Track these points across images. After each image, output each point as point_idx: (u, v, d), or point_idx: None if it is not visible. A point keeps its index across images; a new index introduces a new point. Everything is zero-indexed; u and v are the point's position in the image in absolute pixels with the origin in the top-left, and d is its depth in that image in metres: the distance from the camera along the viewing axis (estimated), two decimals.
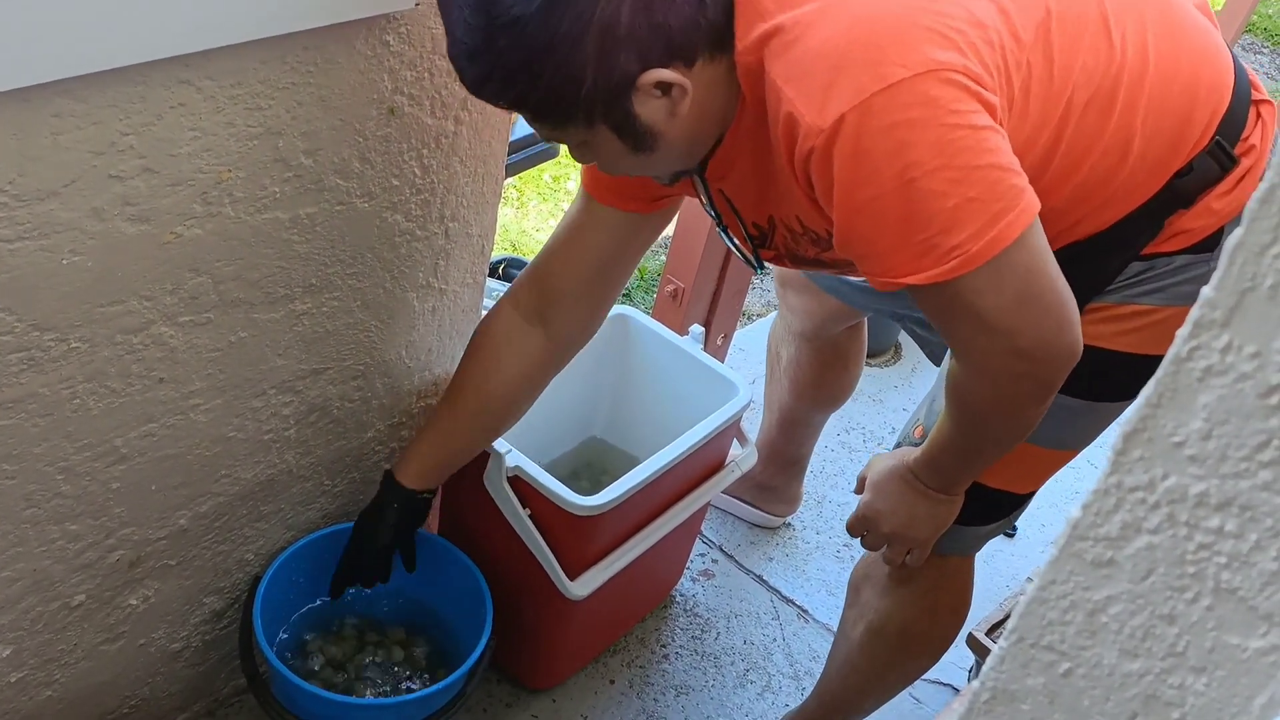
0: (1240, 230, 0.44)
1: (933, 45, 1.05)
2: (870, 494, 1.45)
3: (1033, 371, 1.14)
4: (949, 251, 1.06)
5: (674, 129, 1.14)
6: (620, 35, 1.05)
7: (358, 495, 1.74)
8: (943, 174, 1.03)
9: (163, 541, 1.46)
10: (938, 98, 1.03)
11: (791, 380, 2.09)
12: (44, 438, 1.23)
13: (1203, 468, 0.48)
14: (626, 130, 1.13)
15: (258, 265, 1.32)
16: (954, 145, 1.04)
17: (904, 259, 1.08)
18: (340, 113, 1.28)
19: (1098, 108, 1.18)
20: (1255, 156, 1.26)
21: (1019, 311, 1.10)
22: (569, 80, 1.07)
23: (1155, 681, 0.53)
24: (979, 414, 1.25)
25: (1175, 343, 0.47)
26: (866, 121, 1.03)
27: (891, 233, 1.07)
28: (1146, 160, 1.21)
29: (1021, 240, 1.06)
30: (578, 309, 1.51)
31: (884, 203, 1.06)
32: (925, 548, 1.45)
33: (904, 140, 1.03)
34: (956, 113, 1.04)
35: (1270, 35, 5.90)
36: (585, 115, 1.11)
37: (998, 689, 0.61)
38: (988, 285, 1.07)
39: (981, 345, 1.14)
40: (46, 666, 1.43)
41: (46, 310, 1.15)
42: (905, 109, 1.03)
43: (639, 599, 2.07)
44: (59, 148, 1.05)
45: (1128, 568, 0.52)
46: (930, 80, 1.03)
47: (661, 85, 1.09)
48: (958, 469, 1.35)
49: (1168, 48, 1.21)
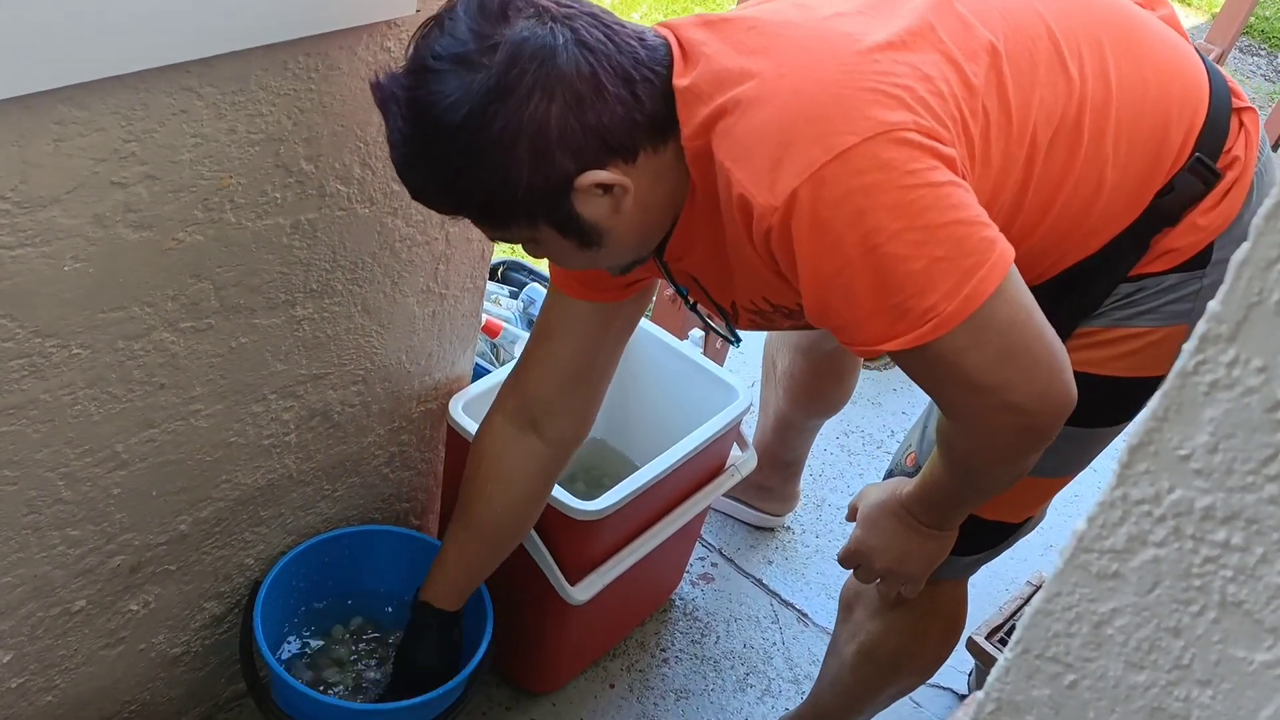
0: (1247, 245, 0.44)
1: (879, 106, 1.02)
2: (862, 529, 1.41)
3: (1029, 424, 1.10)
4: (923, 314, 1.02)
5: (620, 224, 1.13)
6: (552, 139, 1.04)
7: (358, 500, 1.74)
8: (906, 236, 1.00)
9: (163, 546, 1.46)
10: (891, 160, 1.01)
11: (786, 389, 2.09)
12: (45, 444, 1.23)
13: (1209, 481, 0.48)
14: (570, 229, 1.12)
15: (259, 271, 1.32)
16: (914, 205, 1.01)
17: (879, 326, 1.05)
18: (341, 119, 1.28)
19: (1064, 141, 1.15)
20: (1240, 168, 1.21)
21: (1006, 366, 1.06)
22: (504, 186, 1.06)
23: (1161, 694, 0.53)
24: (975, 466, 1.22)
25: (1181, 357, 0.47)
26: (820, 193, 1.01)
27: (863, 302, 1.04)
28: (1125, 185, 1.18)
29: (999, 294, 1.03)
30: (567, 410, 1.48)
31: (850, 273, 1.03)
32: (918, 582, 1.42)
33: (861, 207, 1.00)
34: (913, 172, 1.01)
35: (1268, 37, 5.91)
36: (527, 217, 1.10)
37: (1002, 700, 0.61)
38: (968, 344, 1.04)
39: (972, 404, 1.11)
40: (47, 672, 1.43)
41: (48, 316, 1.15)
42: (859, 175, 1.00)
43: (639, 603, 2.07)
44: (61, 154, 1.05)
45: (1133, 580, 0.52)
46: (881, 142, 1.01)
47: (601, 185, 1.08)
48: (952, 508, 1.32)
49: (1130, 68, 1.18)
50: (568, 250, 1.15)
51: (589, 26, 1.06)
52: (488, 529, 1.53)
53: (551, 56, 1.03)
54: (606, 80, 1.05)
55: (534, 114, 1.03)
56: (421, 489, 1.86)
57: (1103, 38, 1.19)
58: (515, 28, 1.04)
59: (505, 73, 1.03)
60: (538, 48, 1.03)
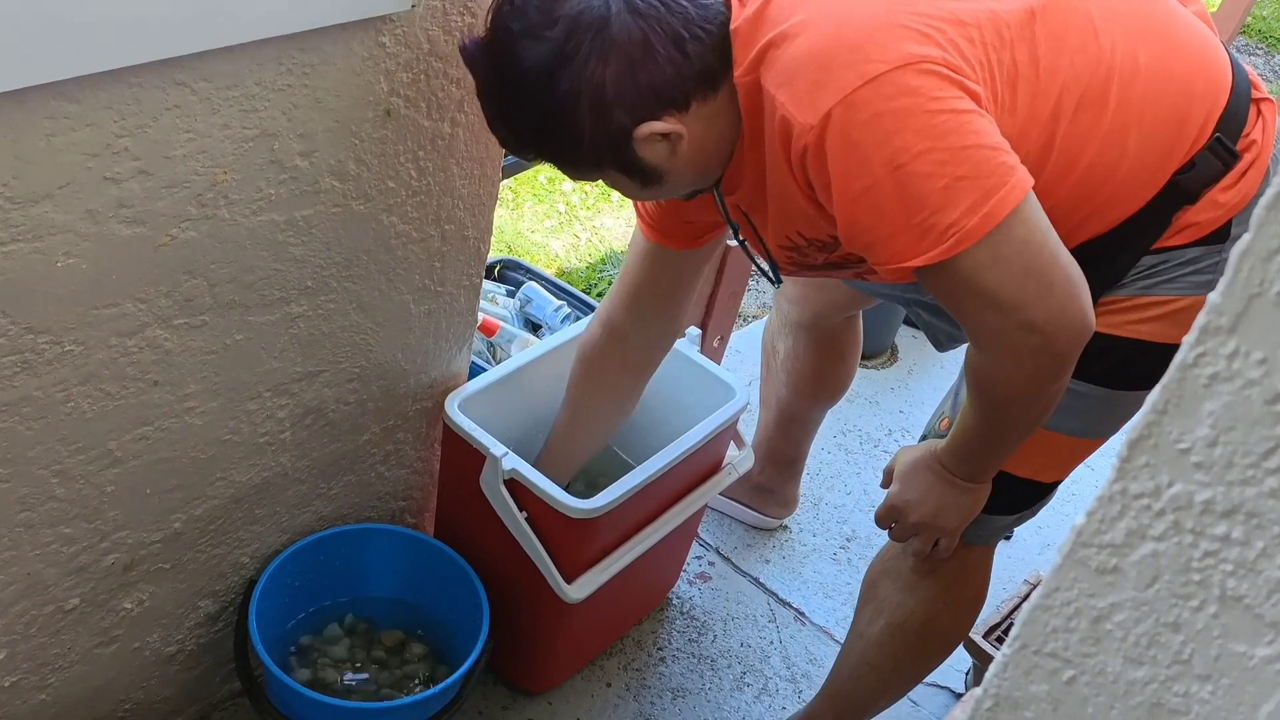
0: (1248, 236, 0.43)
1: (910, 41, 1.12)
2: (899, 484, 1.47)
3: (1046, 345, 1.16)
4: (946, 230, 1.10)
5: (677, 165, 1.25)
6: (609, 97, 1.18)
7: (353, 498, 1.73)
8: (930, 156, 1.09)
9: (157, 545, 1.46)
10: (918, 87, 1.10)
11: (789, 374, 2.09)
12: (38, 441, 1.23)
13: (1209, 475, 0.48)
14: (634, 172, 1.26)
15: (253, 268, 1.31)
16: (939, 128, 1.09)
17: (905, 243, 1.13)
18: (336, 115, 1.28)
19: (1090, 105, 1.21)
20: (1257, 151, 1.28)
21: (1024, 284, 1.13)
22: (572, 138, 1.21)
23: (1160, 689, 0.53)
24: (999, 396, 1.27)
25: (1181, 349, 0.47)
26: (852, 115, 1.10)
27: (890, 219, 1.13)
28: (1146, 158, 1.24)
29: (1017, 214, 1.10)
30: (647, 327, 1.67)
31: (878, 190, 1.11)
32: (954, 537, 1.47)
33: (889, 128, 1.09)
34: (939, 99, 1.10)
35: (1265, 37, 5.91)
36: (593, 163, 1.25)
37: (1001, 696, 0.60)
38: (989, 260, 1.11)
39: (993, 324, 1.17)
40: (40, 670, 1.43)
41: (41, 313, 1.14)
42: (888, 99, 1.09)
43: (636, 602, 2.06)
44: (53, 150, 1.05)
45: (1132, 575, 0.52)
46: (909, 72, 1.10)
47: (658, 134, 1.20)
48: (984, 456, 1.37)
49: (1159, 48, 1.25)
50: (633, 188, 1.30)
51: None
52: (596, 422, 1.76)
53: (605, 25, 1.16)
54: (657, 42, 1.17)
55: (591, 77, 1.17)
56: (417, 487, 1.86)
57: (1137, 20, 1.26)
58: (572, 1, 1.17)
59: (564, 42, 1.16)
60: (593, 19, 1.16)
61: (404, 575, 1.76)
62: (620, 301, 1.65)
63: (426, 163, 1.43)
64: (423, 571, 1.74)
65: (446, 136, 1.43)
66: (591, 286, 3.07)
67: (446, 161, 1.45)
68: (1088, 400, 1.36)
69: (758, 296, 3.20)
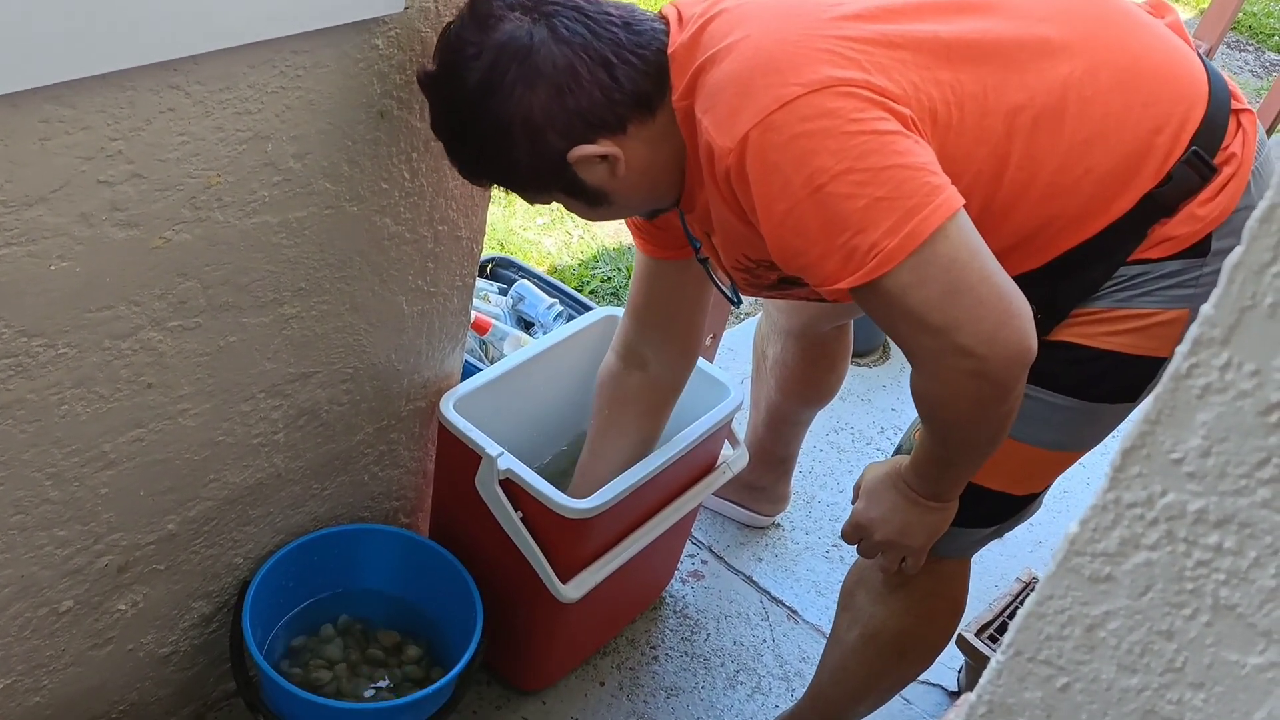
0: (1240, 249, 0.44)
1: (830, 65, 1.12)
2: (864, 501, 1.44)
3: (981, 369, 1.13)
4: (868, 251, 1.09)
5: (621, 186, 1.28)
6: (539, 124, 1.21)
7: (347, 498, 1.73)
8: (848, 177, 1.08)
9: (151, 546, 1.46)
10: (836, 109, 1.10)
11: (778, 378, 2.10)
12: (32, 444, 1.23)
13: (1201, 485, 0.48)
14: (579, 193, 1.29)
15: (247, 270, 1.31)
16: (857, 149, 1.09)
17: (833, 266, 1.12)
18: (329, 116, 1.28)
19: (1046, 123, 1.20)
20: (1237, 164, 1.26)
21: (950, 305, 1.10)
22: (510, 164, 1.26)
23: (1153, 697, 0.53)
24: (943, 418, 1.25)
25: (1174, 359, 0.47)
26: (768, 137, 1.11)
27: (815, 241, 1.12)
28: (1115, 174, 1.22)
29: (941, 233, 1.09)
30: (665, 346, 1.68)
31: (800, 212, 1.11)
32: (920, 555, 1.44)
33: (807, 150, 1.10)
34: (857, 120, 1.10)
35: (1255, 33, 5.92)
36: (538, 187, 1.30)
37: (994, 702, 0.60)
38: (913, 280, 1.10)
39: (927, 346, 1.15)
40: (34, 672, 1.43)
41: (34, 316, 1.14)
42: (805, 121, 1.10)
43: (630, 601, 2.06)
44: (47, 153, 1.05)
45: (1126, 583, 0.52)
46: (827, 94, 1.10)
47: (597, 156, 1.23)
48: (942, 476, 1.34)
49: (1122, 65, 1.23)
50: (583, 208, 1.33)
51: (570, 20, 1.21)
52: (621, 449, 1.74)
53: (529, 54, 1.19)
54: (583, 68, 1.20)
55: (519, 105, 1.20)
56: (411, 487, 1.86)
57: (1098, 36, 1.25)
58: (498, 33, 1.20)
59: (490, 71, 1.20)
60: (516, 49, 1.19)
61: (398, 575, 1.76)
62: (631, 326, 1.67)
63: (419, 164, 1.43)
64: (417, 571, 1.74)
65: None
66: (584, 284, 3.07)
67: (439, 162, 1.45)
68: (1063, 413, 1.33)
69: None
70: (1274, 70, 5.55)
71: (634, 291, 1.66)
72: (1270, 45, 5.87)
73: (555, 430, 2.04)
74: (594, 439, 1.77)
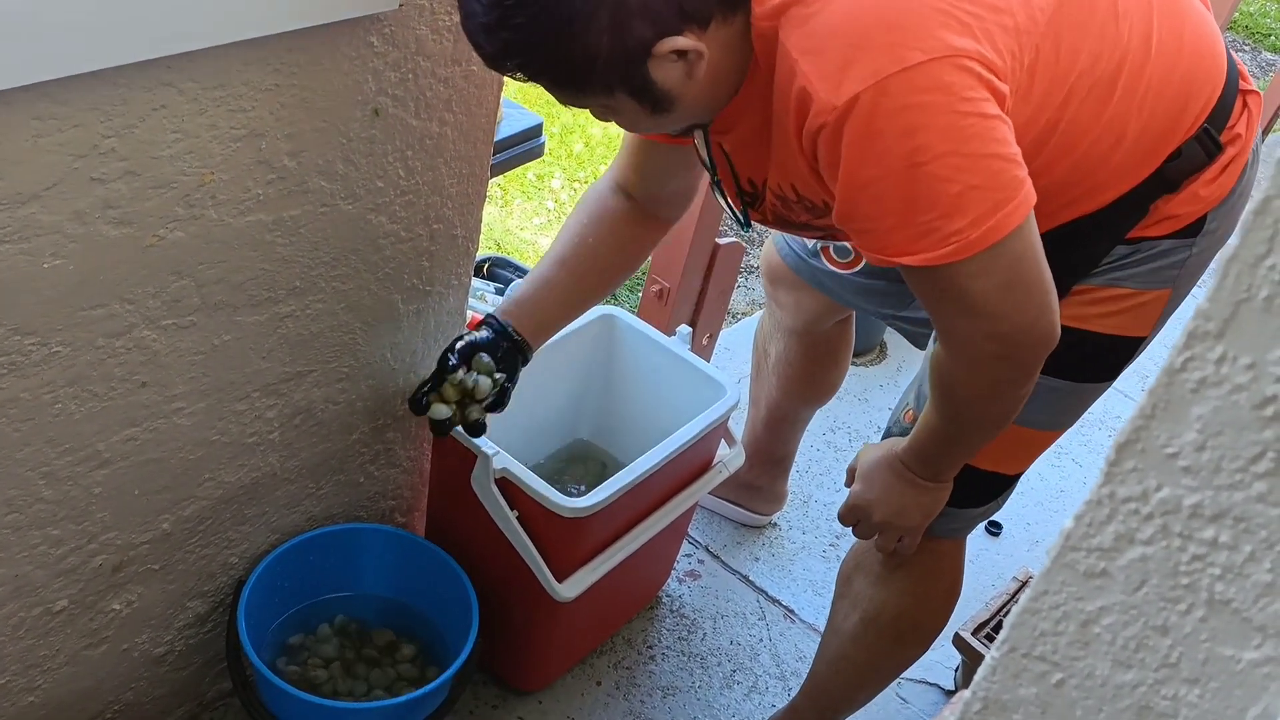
0: (1234, 241, 0.43)
1: (950, 30, 1.06)
2: (860, 484, 1.46)
3: (1010, 354, 1.17)
4: (948, 236, 1.08)
5: (690, 90, 1.15)
6: (632, 7, 1.06)
7: (342, 498, 1.73)
8: (950, 160, 1.06)
9: (146, 546, 1.45)
10: (951, 83, 1.05)
11: (780, 377, 2.09)
12: (25, 443, 1.22)
13: (1196, 479, 0.48)
14: (645, 95, 1.14)
15: (241, 268, 1.31)
16: (964, 132, 1.06)
17: (902, 239, 1.11)
18: (324, 114, 1.27)
19: (1097, 93, 1.19)
20: (1240, 145, 1.27)
21: (1004, 297, 1.12)
22: (585, 53, 1.08)
23: (1149, 693, 0.53)
24: (961, 398, 1.27)
25: (1169, 354, 0.47)
26: (880, 102, 1.05)
27: (893, 213, 1.10)
28: (1140, 146, 1.23)
29: (1018, 231, 1.09)
30: (669, 197, 1.57)
31: (889, 183, 1.08)
32: (916, 535, 1.47)
33: (915, 123, 1.05)
34: (969, 100, 1.06)
35: (1252, 33, 5.93)
36: (603, 85, 1.13)
37: (989, 699, 0.60)
38: (980, 271, 1.10)
39: (964, 328, 1.17)
40: (29, 672, 1.42)
41: (28, 314, 1.13)
42: (919, 93, 1.05)
43: (626, 600, 2.06)
44: (40, 150, 1.04)
45: (1121, 579, 0.52)
46: (946, 65, 1.05)
47: (677, 51, 1.10)
48: (944, 456, 1.37)
49: (1171, 36, 1.23)
50: (639, 115, 1.18)
51: None
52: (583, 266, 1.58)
53: None
54: None
55: None
56: (407, 487, 1.85)
57: (1153, 2, 1.23)
58: None
59: None
60: None
61: (394, 575, 1.76)
62: (629, 169, 1.54)
63: (415, 162, 1.42)
64: (413, 571, 1.74)
65: (435, 136, 1.42)
66: None
67: (435, 161, 1.45)
68: (1052, 393, 1.36)
69: (747, 294, 3.20)
70: (1270, 70, 5.56)
71: (631, 151, 1.53)
72: (1267, 45, 5.87)
73: (551, 429, 2.04)
74: (566, 248, 1.58)
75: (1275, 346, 0.44)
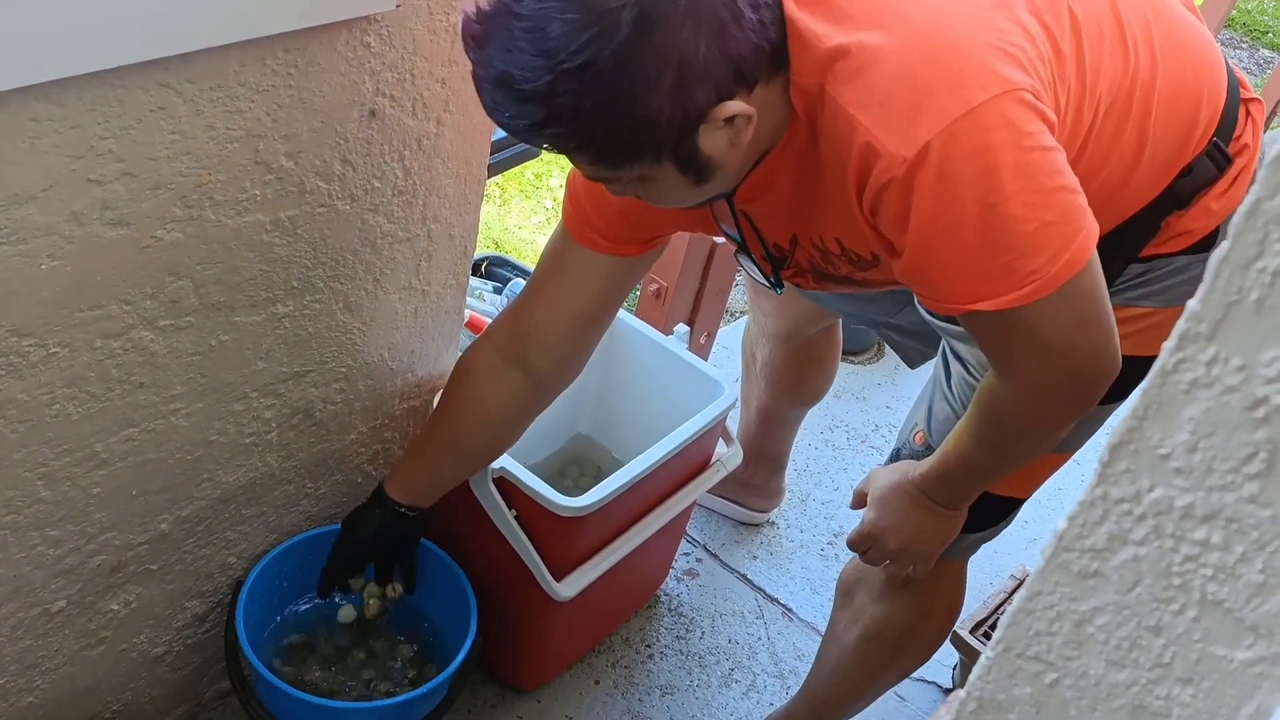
0: (1226, 244, 0.44)
1: (1002, 64, 1.03)
2: (874, 510, 1.43)
3: (1077, 387, 1.14)
4: (1027, 276, 1.04)
5: (733, 157, 1.10)
6: (697, 71, 1.00)
7: (340, 497, 1.73)
8: (1022, 198, 1.02)
9: (144, 546, 1.45)
10: (1014, 119, 1.02)
11: (768, 380, 2.09)
12: (23, 444, 1.22)
13: (1189, 480, 0.48)
14: (690, 165, 1.08)
15: (239, 269, 1.31)
16: (1032, 167, 1.02)
17: (974, 284, 1.07)
18: (321, 115, 1.27)
19: (1115, 116, 1.17)
20: (1248, 156, 1.25)
21: (1077, 332, 1.09)
22: (641, 121, 1.01)
23: (1142, 692, 0.53)
24: (1016, 429, 1.23)
25: (1161, 355, 0.47)
26: (951, 149, 1.01)
27: (968, 258, 1.06)
28: (1154, 165, 1.21)
29: (1090, 263, 1.06)
30: (560, 353, 1.45)
31: (965, 229, 1.04)
32: (930, 562, 1.44)
33: (987, 165, 1.01)
34: (1030, 134, 1.03)
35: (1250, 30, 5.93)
36: (652, 154, 1.05)
37: (984, 698, 0.60)
38: (1056, 309, 1.07)
39: (1033, 366, 1.13)
40: (27, 673, 1.42)
41: (25, 315, 1.13)
42: (987, 132, 1.01)
43: (625, 599, 2.06)
44: (36, 152, 1.04)
45: (1114, 579, 0.52)
46: (1007, 101, 1.02)
47: (728, 117, 1.04)
48: (972, 484, 1.34)
49: (1172, 50, 1.21)
50: (680, 186, 1.11)
51: None
52: (456, 446, 1.53)
53: None
54: (742, 4, 1.01)
55: (682, 44, 0.98)
56: None
57: (1149, 17, 1.21)
58: None
59: (654, 2, 0.97)
60: None
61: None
62: (529, 322, 1.43)
63: (412, 162, 1.42)
64: None
65: (432, 136, 1.42)
66: None
67: (432, 161, 1.45)
68: None
69: (744, 293, 3.21)
70: (1267, 67, 5.56)
71: (546, 285, 1.41)
72: (1265, 42, 5.87)
73: (549, 428, 2.04)
74: (443, 431, 1.53)
75: (1266, 348, 0.44)
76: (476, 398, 1.48)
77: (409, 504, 1.55)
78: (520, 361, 1.45)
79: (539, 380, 1.46)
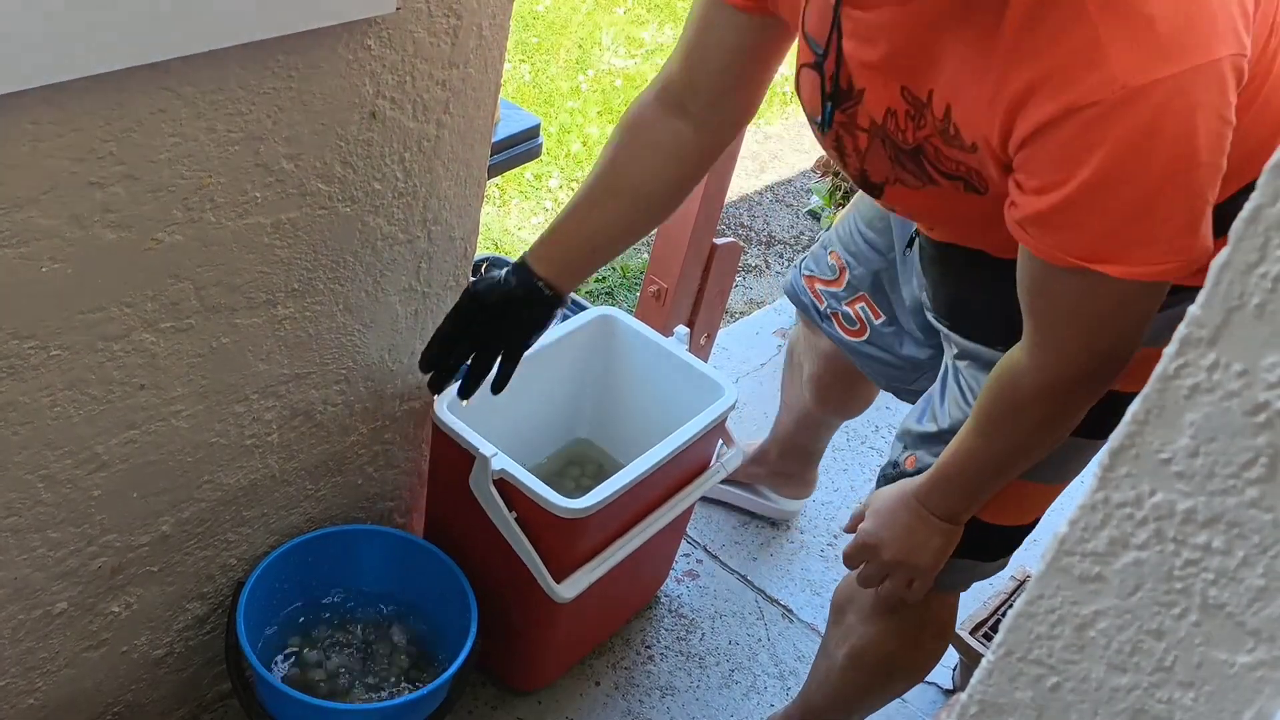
0: (1227, 249, 0.44)
1: (1240, 20, 0.97)
2: (871, 520, 1.43)
3: (1099, 371, 1.13)
4: (1169, 253, 0.99)
5: None
6: None
7: (341, 499, 1.73)
8: (1204, 171, 0.97)
9: (145, 548, 1.45)
10: (1227, 85, 0.96)
11: (815, 391, 2.03)
12: (24, 446, 1.22)
13: (1190, 484, 0.48)
14: None
15: (239, 271, 1.31)
16: (1221, 140, 0.97)
17: (1117, 244, 0.99)
18: (322, 117, 1.28)
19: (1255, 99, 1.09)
20: None
21: (1140, 320, 1.08)
22: None
23: (1143, 696, 0.53)
24: (1028, 418, 1.21)
25: (1162, 360, 0.48)
26: (1173, 100, 0.94)
27: (1128, 216, 0.99)
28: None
29: None
30: (715, 100, 1.38)
31: (1143, 183, 0.97)
32: (928, 578, 1.42)
33: (1193, 127, 0.95)
34: (1229, 105, 0.97)
35: None
36: None
37: (985, 702, 0.61)
38: (1152, 294, 1.03)
39: (1076, 342, 1.11)
40: (28, 674, 1.42)
41: (26, 318, 1.14)
42: (1205, 91, 0.94)
43: (625, 601, 2.06)
44: (38, 155, 1.05)
45: (1115, 583, 0.52)
46: (1230, 63, 0.96)
47: None
48: (971, 488, 1.33)
49: None
50: None
51: None
52: (625, 198, 1.43)
53: None
54: None
55: None
56: (405, 488, 1.85)
57: None
58: None
59: None
60: None
61: (393, 576, 1.76)
62: (680, 72, 1.37)
63: (412, 164, 1.42)
64: (412, 572, 1.74)
65: (432, 138, 1.43)
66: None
67: (433, 163, 1.45)
68: (1071, 449, 1.32)
69: (745, 293, 3.21)
70: None
71: (696, 37, 1.35)
72: None
73: (550, 430, 2.04)
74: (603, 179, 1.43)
75: (1267, 353, 0.44)
76: (650, 142, 1.41)
77: (550, 278, 1.46)
78: (681, 110, 1.39)
79: (700, 124, 1.39)
